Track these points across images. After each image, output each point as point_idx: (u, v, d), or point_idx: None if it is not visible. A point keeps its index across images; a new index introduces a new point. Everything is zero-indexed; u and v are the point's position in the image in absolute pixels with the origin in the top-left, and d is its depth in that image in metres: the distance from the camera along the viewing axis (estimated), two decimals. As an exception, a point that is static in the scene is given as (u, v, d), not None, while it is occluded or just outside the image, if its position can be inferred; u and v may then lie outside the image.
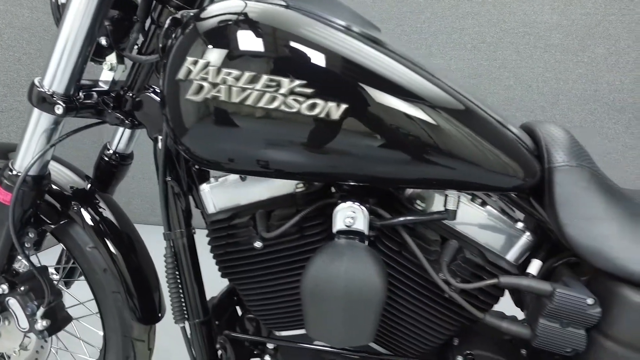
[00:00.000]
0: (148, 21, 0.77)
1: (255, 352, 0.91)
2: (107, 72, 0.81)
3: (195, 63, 0.57)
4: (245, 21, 0.58)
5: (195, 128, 0.61)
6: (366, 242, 0.71)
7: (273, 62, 0.57)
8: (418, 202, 0.72)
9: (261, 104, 0.58)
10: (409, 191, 0.74)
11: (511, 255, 0.72)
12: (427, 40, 2.50)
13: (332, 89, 0.58)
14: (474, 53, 2.49)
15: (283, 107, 0.58)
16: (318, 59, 0.58)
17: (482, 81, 2.53)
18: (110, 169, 0.97)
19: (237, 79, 0.57)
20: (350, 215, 0.68)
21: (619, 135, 2.47)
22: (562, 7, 2.37)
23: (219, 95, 0.58)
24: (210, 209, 0.77)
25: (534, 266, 0.71)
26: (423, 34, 2.50)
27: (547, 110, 2.52)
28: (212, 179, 0.78)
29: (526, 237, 0.72)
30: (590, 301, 0.63)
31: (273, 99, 0.58)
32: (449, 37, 2.50)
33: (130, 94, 0.80)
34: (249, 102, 0.58)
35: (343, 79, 0.59)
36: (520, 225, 0.72)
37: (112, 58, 0.80)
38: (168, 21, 0.65)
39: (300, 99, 0.58)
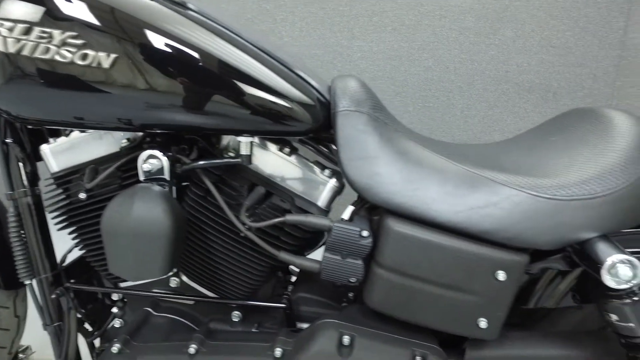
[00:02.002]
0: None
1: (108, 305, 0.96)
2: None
3: (-31, 15, 0.61)
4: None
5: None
6: (174, 188, 0.77)
7: (44, 14, 0.62)
8: (229, 151, 0.78)
9: (37, 54, 0.63)
10: (225, 141, 0.80)
11: (321, 202, 0.79)
12: (349, 23, 2.57)
13: (101, 40, 0.63)
14: (394, 35, 2.57)
15: (57, 58, 0.63)
16: (85, 11, 0.63)
17: (403, 62, 2.62)
18: None
19: (11, 29, 0.61)
20: (150, 162, 0.73)
21: (529, 114, 2.62)
22: (473, -9, 2.48)
23: (-6, 46, 0.62)
24: (52, 168, 0.82)
25: (347, 211, 0.78)
26: (345, 16, 2.56)
27: (464, 90, 2.64)
28: (51, 140, 0.82)
29: (332, 184, 0.79)
30: (365, 233, 0.71)
31: (47, 50, 0.62)
32: (369, 20, 2.57)
33: None
34: (25, 52, 0.62)
35: (110, 30, 0.64)
36: (327, 172, 0.80)
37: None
38: None
39: (72, 49, 0.63)
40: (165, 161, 0.74)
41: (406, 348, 0.71)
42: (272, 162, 0.79)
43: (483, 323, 0.69)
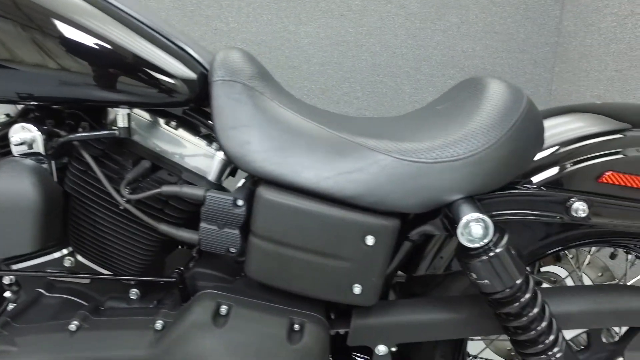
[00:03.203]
0: None
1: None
2: None
3: None
4: None
5: None
6: (53, 163, 0.75)
7: None
8: (114, 124, 0.76)
9: None
10: (111, 116, 0.78)
11: (212, 175, 0.78)
12: (296, 8, 2.55)
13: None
14: (340, 21, 2.57)
15: None
16: None
17: (350, 48, 2.62)
18: None
19: None
20: (21, 135, 0.71)
21: (475, 99, 2.65)
22: (417, -24, 2.50)
23: None
24: None
25: (239, 184, 0.77)
26: (291, 2, 2.54)
27: (411, 75, 2.66)
28: None
29: (220, 156, 0.78)
30: (240, 202, 0.70)
31: None
32: (316, 5, 2.55)
33: None
34: None
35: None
36: (215, 145, 0.79)
37: None
38: None
39: None
40: (38, 135, 0.72)
41: (284, 316, 0.71)
42: (158, 135, 0.78)
43: (357, 289, 0.70)
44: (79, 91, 0.69)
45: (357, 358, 0.84)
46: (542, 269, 1.07)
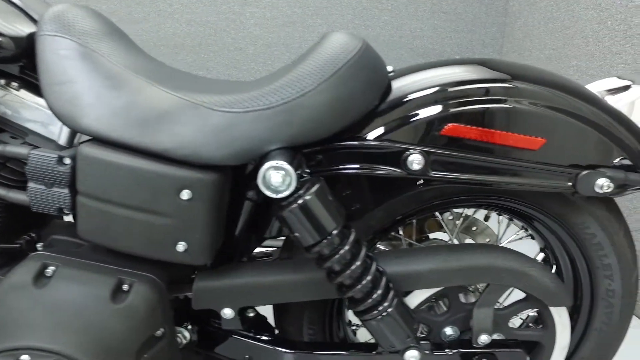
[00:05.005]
0: None
1: None
2: None
3: None
4: None
5: None
6: None
7: None
8: None
9: None
10: None
11: (62, 139, 0.76)
12: (242, -13, 2.50)
13: None
14: (287, 1, 2.53)
15: None
16: None
17: (297, 28, 2.59)
18: None
19: None
20: None
21: (425, 80, 2.63)
22: (361, -46, 2.46)
23: None
24: None
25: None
26: (237, -19, 2.49)
27: (361, 57, 2.62)
28: None
29: None
30: (67, 160, 0.67)
31: None
32: (262, -15, 2.51)
33: None
34: None
35: None
36: None
37: None
38: None
39: None
40: None
41: (112, 276, 0.69)
42: (6, 99, 0.75)
43: (181, 247, 0.68)
44: None
45: (215, 324, 0.83)
46: (431, 236, 1.05)
